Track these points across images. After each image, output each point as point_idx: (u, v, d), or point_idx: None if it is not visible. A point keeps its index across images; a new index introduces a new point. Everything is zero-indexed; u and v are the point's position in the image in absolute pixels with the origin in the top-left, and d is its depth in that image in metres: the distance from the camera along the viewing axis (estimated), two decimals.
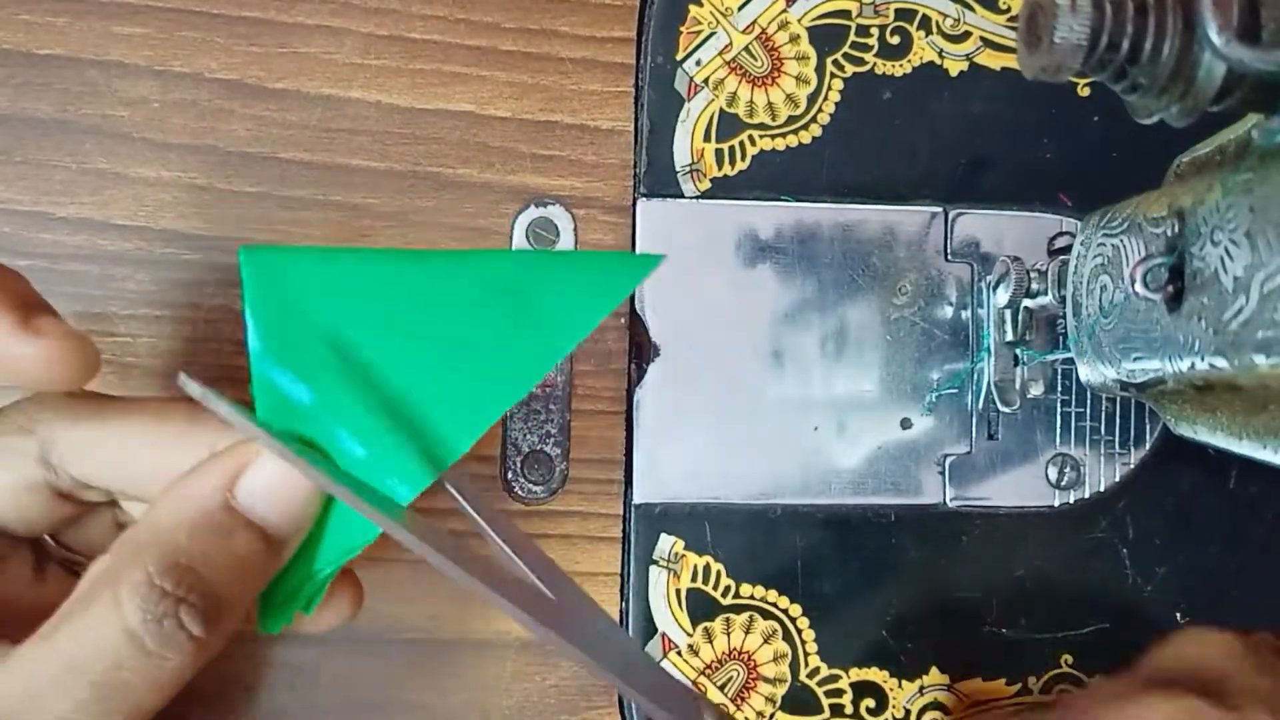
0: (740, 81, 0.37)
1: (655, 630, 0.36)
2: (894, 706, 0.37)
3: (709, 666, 0.36)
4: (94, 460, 0.26)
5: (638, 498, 0.36)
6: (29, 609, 0.26)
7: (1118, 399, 0.38)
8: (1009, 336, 0.36)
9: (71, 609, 0.22)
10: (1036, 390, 0.36)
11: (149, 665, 0.21)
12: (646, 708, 0.24)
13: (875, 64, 0.37)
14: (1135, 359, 0.30)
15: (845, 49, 0.37)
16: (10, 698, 0.22)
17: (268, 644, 0.34)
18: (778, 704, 0.36)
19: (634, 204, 0.36)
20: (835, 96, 0.37)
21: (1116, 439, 0.38)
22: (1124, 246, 0.30)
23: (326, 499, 0.25)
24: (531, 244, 0.36)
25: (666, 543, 0.36)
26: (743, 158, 0.37)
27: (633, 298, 0.36)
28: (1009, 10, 0.38)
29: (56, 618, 0.22)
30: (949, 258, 0.37)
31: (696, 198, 0.37)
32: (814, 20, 0.37)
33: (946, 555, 0.37)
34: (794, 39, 0.37)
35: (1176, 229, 0.27)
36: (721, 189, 0.37)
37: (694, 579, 0.36)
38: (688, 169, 0.37)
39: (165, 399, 0.27)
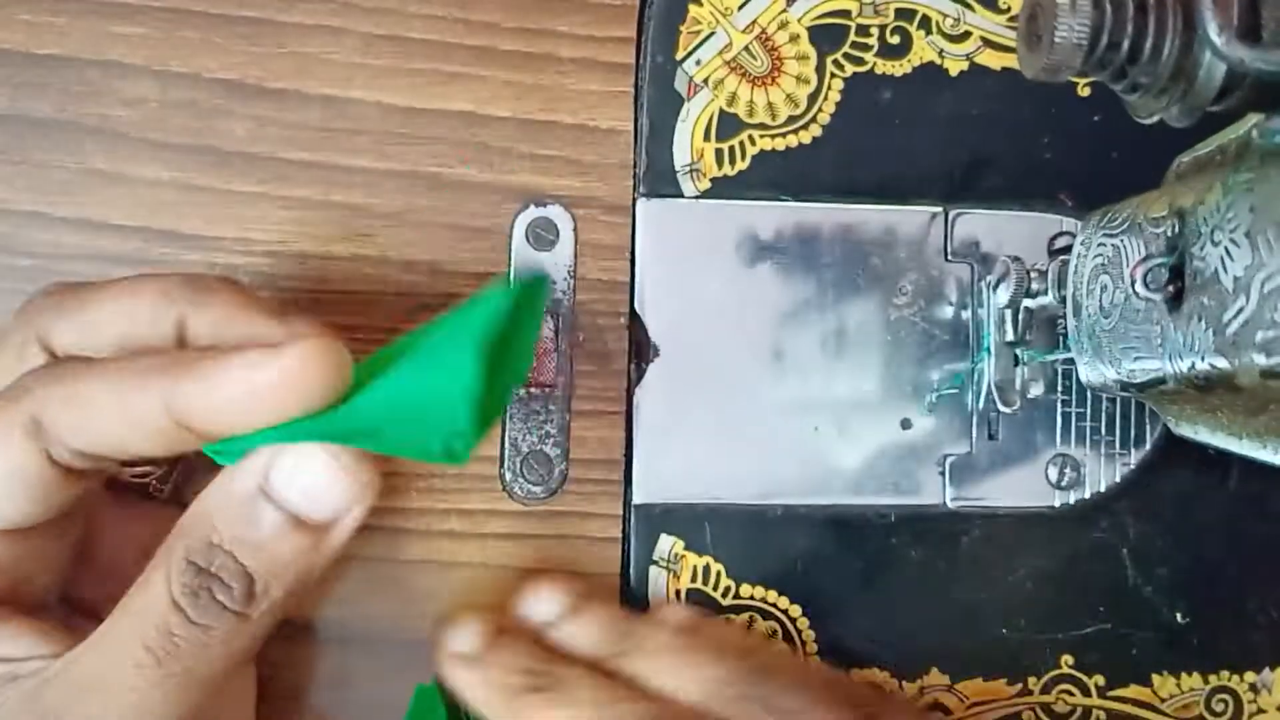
0: (740, 81, 0.37)
1: None
2: None
3: None
4: (83, 430, 0.25)
5: (638, 498, 0.36)
6: (133, 549, 0.28)
7: (1118, 399, 0.38)
8: (1009, 336, 0.36)
9: (133, 588, 0.24)
10: (1036, 390, 0.36)
11: (196, 633, 0.24)
12: None
13: (875, 64, 0.37)
14: (1135, 359, 0.30)
15: (845, 49, 0.37)
16: (90, 671, 0.24)
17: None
18: None
19: (634, 204, 0.36)
20: (835, 96, 0.37)
21: (1116, 439, 0.38)
22: (1124, 246, 0.30)
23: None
24: (531, 244, 0.35)
25: (666, 543, 0.36)
26: (743, 157, 0.37)
27: (632, 297, 0.36)
28: (1009, 10, 0.38)
29: (125, 597, 0.25)
30: (949, 258, 0.37)
31: (696, 197, 0.37)
32: (814, 20, 0.37)
33: (946, 556, 0.37)
34: (794, 39, 0.37)
35: (1176, 229, 0.27)
36: (721, 189, 0.37)
37: (694, 579, 0.36)
38: (688, 169, 0.37)
39: (132, 356, 0.26)
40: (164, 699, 0.24)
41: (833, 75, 0.37)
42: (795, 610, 0.36)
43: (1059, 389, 0.37)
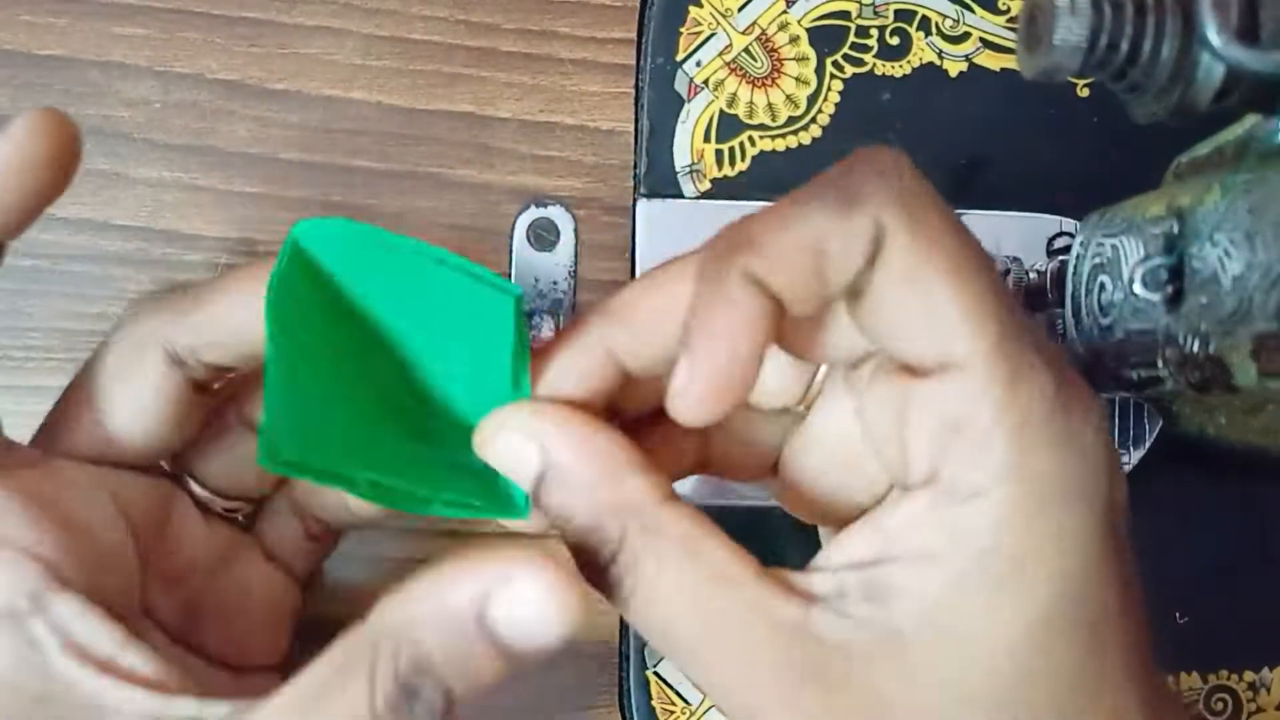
0: (740, 82, 0.37)
1: None
2: None
3: None
4: (219, 344, 0.27)
5: None
6: (205, 559, 0.29)
7: (1116, 399, 0.38)
8: None
9: (327, 682, 0.23)
10: None
11: None
12: None
13: (875, 65, 0.38)
14: (1133, 359, 0.30)
15: (845, 50, 0.37)
16: None
17: None
18: None
19: (634, 204, 0.36)
20: (835, 97, 0.37)
21: (1116, 439, 0.38)
22: (1123, 246, 0.30)
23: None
24: (532, 244, 0.36)
25: None
26: (743, 158, 0.37)
27: None
28: (1008, 11, 0.38)
29: (308, 686, 0.24)
30: None
31: (697, 198, 0.37)
32: (813, 21, 0.37)
33: None
34: (794, 40, 0.37)
35: (1176, 229, 0.27)
36: (722, 190, 0.37)
37: None
38: (688, 170, 0.37)
39: (258, 266, 0.27)
40: None
41: (832, 76, 0.37)
42: None
43: None
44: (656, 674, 0.36)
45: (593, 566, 0.23)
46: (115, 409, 0.27)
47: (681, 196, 0.37)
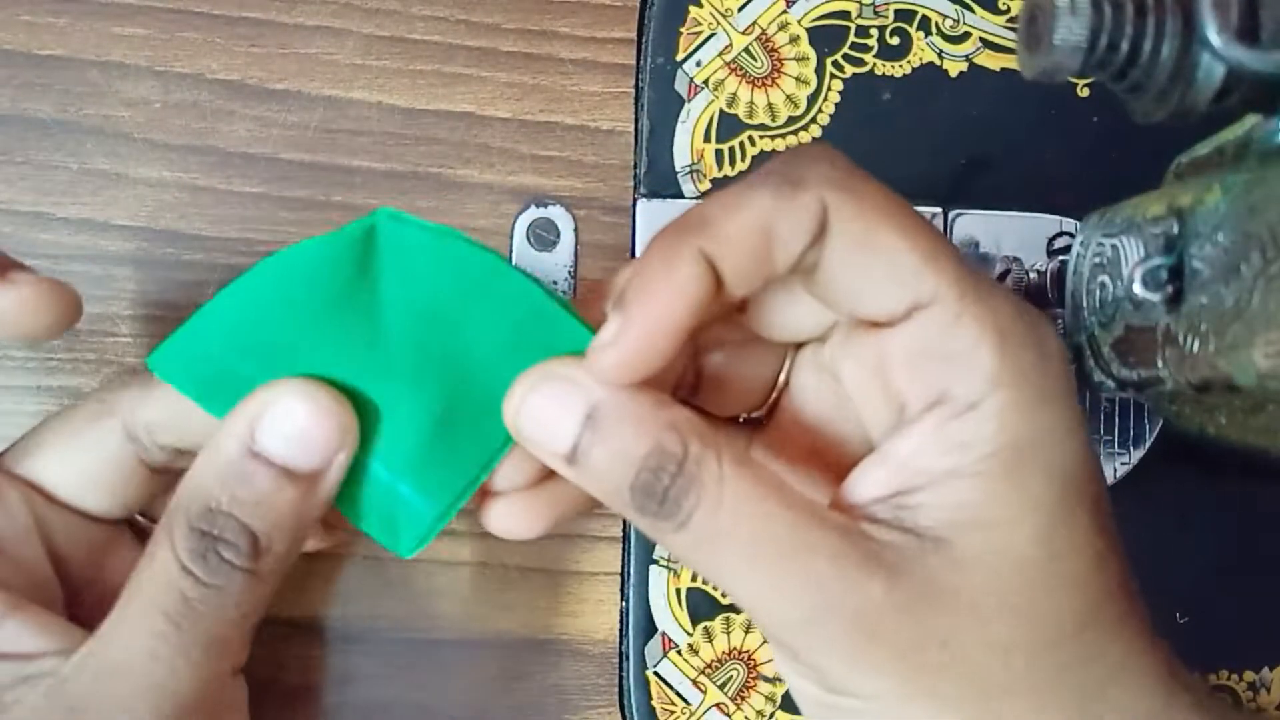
0: (740, 82, 0.37)
1: (655, 629, 0.36)
2: None
3: (709, 666, 0.36)
4: (177, 426, 0.27)
5: None
6: None
7: (1116, 398, 0.38)
8: None
9: (142, 565, 0.25)
10: None
11: (209, 594, 0.25)
12: None
13: (875, 65, 0.38)
14: (1133, 359, 0.30)
15: (845, 50, 0.37)
16: (111, 655, 0.25)
17: (265, 641, 0.34)
18: (777, 703, 0.36)
19: (634, 204, 0.36)
20: (835, 97, 0.37)
21: (1116, 439, 0.38)
22: (1123, 246, 0.30)
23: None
24: (532, 244, 0.36)
25: None
26: (743, 158, 0.37)
27: None
28: (1009, 11, 0.38)
29: (132, 577, 0.25)
30: None
31: (697, 198, 0.37)
32: (814, 21, 0.37)
33: None
34: (794, 40, 0.37)
35: (1176, 229, 0.27)
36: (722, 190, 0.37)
37: (694, 578, 0.36)
38: (688, 170, 0.37)
39: None
40: (188, 665, 0.25)
41: (832, 76, 0.37)
42: None
43: None
44: (656, 674, 0.36)
45: (649, 496, 0.23)
46: (64, 468, 0.28)
47: (681, 197, 0.37)
